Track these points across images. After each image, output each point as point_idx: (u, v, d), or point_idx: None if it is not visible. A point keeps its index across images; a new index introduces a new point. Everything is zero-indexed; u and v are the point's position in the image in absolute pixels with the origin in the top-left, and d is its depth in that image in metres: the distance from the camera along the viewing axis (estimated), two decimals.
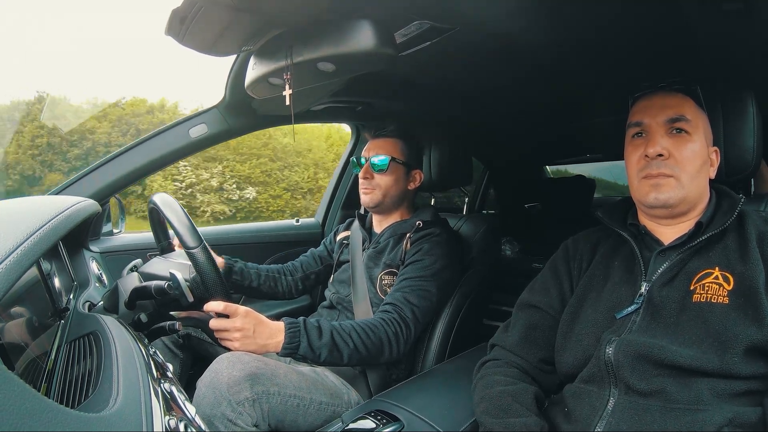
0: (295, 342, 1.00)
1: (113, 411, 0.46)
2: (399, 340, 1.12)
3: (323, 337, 1.04)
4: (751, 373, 0.67)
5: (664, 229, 0.84)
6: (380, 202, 1.36)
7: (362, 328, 1.09)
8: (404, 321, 1.14)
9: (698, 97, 0.84)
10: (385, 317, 1.14)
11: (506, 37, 1.01)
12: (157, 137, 1.40)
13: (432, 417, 0.90)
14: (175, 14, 0.76)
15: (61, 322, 0.78)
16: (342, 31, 0.78)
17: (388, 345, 1.11)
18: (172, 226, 0.90)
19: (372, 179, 1.35)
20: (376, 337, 1.09)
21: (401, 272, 1.25)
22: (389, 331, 1.12)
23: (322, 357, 1.03)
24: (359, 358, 1.07)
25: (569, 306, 0.87)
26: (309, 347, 1.01)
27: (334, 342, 1.04)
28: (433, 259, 1.24)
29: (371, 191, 1.35)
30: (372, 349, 1.08)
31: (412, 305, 1.17)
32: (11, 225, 0.52)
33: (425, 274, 1.22)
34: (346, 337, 1.07)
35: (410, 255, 1.27)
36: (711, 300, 0.71)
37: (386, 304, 1.18)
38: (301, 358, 1.02)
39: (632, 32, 0.98)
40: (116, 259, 1.45)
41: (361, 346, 1.07)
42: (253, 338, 0.98)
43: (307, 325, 1.04)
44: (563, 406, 0.80)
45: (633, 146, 0.84)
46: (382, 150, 1.35)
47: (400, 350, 1.13)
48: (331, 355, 1.04)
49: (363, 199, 1.38)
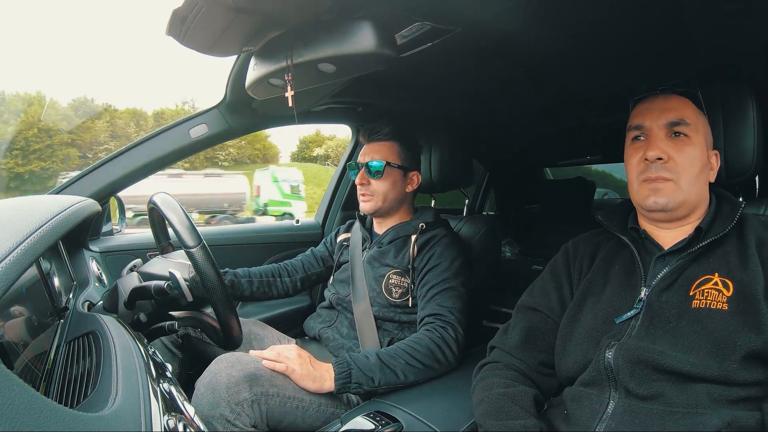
0: (345, 371, 1.03)
1: (112, 411, 0.46)
2: (448, 343, 1.12)
3: (370, 359, 1.05)
4: (750, 380, 0.67)
5: (664, 233, 0.84)
6: (378, 208, 1.35)
7: (406, 344, 1.11)
8: (447, 323, 1.15)
9: (698, 100, 0.84)
10: (426, 328, 1.15)
11: (506, 38, 1.01)
12: (157, 137, 1.41)
13: (431, 418, 0.90)
14: (175, 14, 0.76)
15: (61, 321, 0.78)
16: (343, 32, 0.78)
17: (439, 351, 1.10)
18: (171, 225, 0.90)
19: (368, 185, 1.34)
20: (422, 347, 1.10)
21: (421, 280, 1.25)
22: (434, 337, 1.12)
23: (376, 379, 1.03)
24: (415, 372, 1.07)
25: (569, 309, 0.87)
26: (360, 371, 1.03)
27: (382, 361, 1.05)
28: (449, 260, 1.25)
29: (369, 197, 1.35)
30: (424, 359, 1.08)
31: (449, 308, 1.18)
32: (11, 224, 0.52)
33: (447, 276, 1.22)
34: (392, 354, 1.07)
35: (422, 261, 1.26)
36: (710, 306, 0.71)
37: (425, 317, 1.18)
38: (356, 387, 1.03)
39: (633, 33, 0.98)
40: (116, 258, 1.45)
41: (410, 359, 1.07)
42: (309, 366, 1.03)
43: (352, 355, 1.07)
44: (562, 408, 0.80)
45: (633, 149, 0.84)
46: (378, 154, 1.34)
47: (454, 352, 1.12)
48: (384, 375, 1.04)
49: (361, 205, 1.37)
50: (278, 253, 1.88)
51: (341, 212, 2.07)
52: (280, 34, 0.84)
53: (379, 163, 1.32)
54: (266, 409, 0.97)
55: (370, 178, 1.34)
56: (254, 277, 1.40)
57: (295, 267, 1.49)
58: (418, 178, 1.41)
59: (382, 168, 1.32)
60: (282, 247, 1.90)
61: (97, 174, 1.37)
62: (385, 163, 1.32)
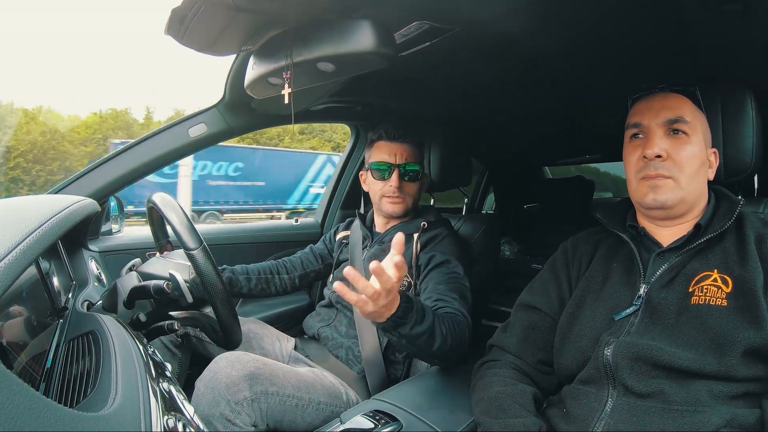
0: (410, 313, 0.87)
1: (112, 410, 0.46)
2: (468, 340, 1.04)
3: (426, 319, 0.91)
4: (750, 376, 0.67)
5: (663, 231, 0.84)
6: (409, 211, 1.34)
7: (448, 320, 0.99)
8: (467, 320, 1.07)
9: (697, 98, 0.84)
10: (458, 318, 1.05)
11: (506, 37, 1.01)
12: (156, 136, 1.40)
13: (430, 417, 0.90)
14: (174, 14, 0.76)
15: (60, 321, 0.78)
16: (342, 31, 0.78)
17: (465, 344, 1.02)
18: (172, 226, 0.89)
19: (402, 188, 1.30)
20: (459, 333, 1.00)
21: (428, 278, 1.21)
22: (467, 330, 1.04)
23: (419, 340, 0.90)
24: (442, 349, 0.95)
25: (568, 307, 0.87)
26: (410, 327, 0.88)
27: (433, 327, 0.92)
28: (454, 257, 1.23)
29: (401, 201, 1.30)
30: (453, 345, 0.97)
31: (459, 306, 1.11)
32: (10, 224, 0.52)
33: (457, 276, 1.19)
34: (441, 324, 0.95)
35: (426, 259, 1.25)
36: (709, 302, 0.71)
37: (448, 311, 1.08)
38: (397, 336, 0.89)
39: (632, 33, 0.98)
40: (115, 258, 1.45)
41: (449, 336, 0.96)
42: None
43: (416, 303, 0.90)
44: (562, 406, 0.80)
45: (631, 147, 0.85)
46: (412, 158, 1.31)
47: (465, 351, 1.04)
48: (427, 341, 0.91)
49: (391, 208, 1.31)
50: (277, 252, 1.88)
51: (341, 211, 2.07)
52: (280, 33, 0.84)
53: (416, 167, 1.30)
54: (266, 408, 0.97)
55: (404, 181, 1.30)
56: (252, 274, 1.39)
57: (293, 264, 1.49)
58: (428, 179, 1.41)
59: (419, 171, 1.31)
60: (281, 246, 1.90)
61: (96, 174, 1.36)
62: (420, 166, 1.31)
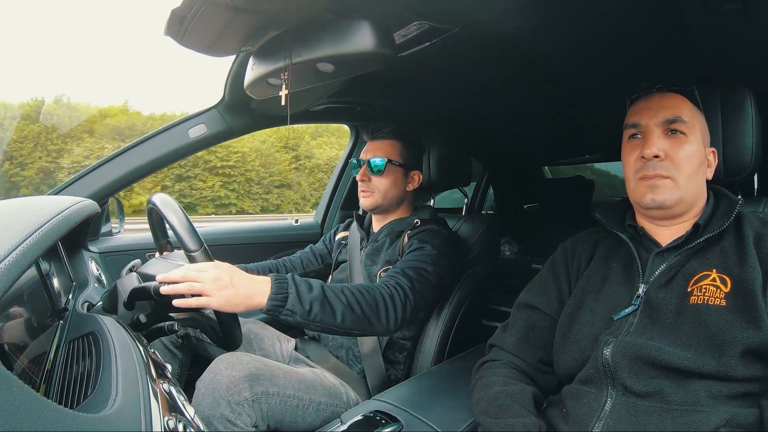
0: (282, 293, 0.91)
1: (112, 411, 0.46)
2: (396, 304, 1.05)
3: (313, 291, 0.95)
4: (748, 376, 0.67)
5: (662, 231, 0.84)
6: (378, 205, 1.36)
7: (356, 288, 1.03)
8: (401, 287, 1.09)
9: (695, 97, 0.84)
10: (383, 283, 1.09)
11: (505, 37, 1.01)
12: (156, 137, 1.40)
13: (431, 417, 0.90)
14: (174, 14, 0.76)
15: (60, 322, 0.78)
16: (341, 31, 0.78)
17: (384, 307, 1.03)
18: (172, 228, 0.89)
19: (369, 182, 1.34)
20: (371, 297, 1.02)
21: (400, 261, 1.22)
22: (384, 292, 1.05)
23: (313, 312, 0.93)
24: (354, 319, 0.98)
25: (567, 307, 0.87)
26: (298, 299, 0.92)
27: (325, 296, 0.96)
28: (430, 246, 1.22)
29: (369, 194, 1.35)
30: (367, 310, 1.00)
31: (410, 277, 1.12)
32: (10, 225, 0.52)
33: (421, 257, 1.19)
34: (338, 293, 0.98)
35: (407, 248, 1.26)
36: (708, 302, 0.71)
37: (385, 276, 1.13)
38: (289, 314, 0.91)
39: (632, 32, 0.98)
40: (115, 259, 1.45)
41: (354, 303, 0.99)
42: (233, 288, 0.87)
43: (296, 278, 0.96)
44: (562, 406, 0.80)
45: (630, 147, 0.85)
46: (380, 152, 1.34)
47: (398, 317, 1.05)
48: (323, 311, 0.94)
49: (361, 201, 1.37)
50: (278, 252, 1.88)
51: (340, 211, 2.07)
52: (279, 34, 0.84)
53: (381, 161, 1.33)
54: (267, 409, 0.97)
55: (371, 175, 1.34)
56: (251, 273, 1.40)
57: (293, 264, 1.50)
58: (419, 178, 1.41)
59: (383, 165, 1.33)
60: (280, 247, 1.90)
61: (96, 174, 1.36)
62: (387, 160, 1.33)
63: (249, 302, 0.88)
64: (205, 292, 0.85)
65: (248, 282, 0.90)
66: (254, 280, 0.91)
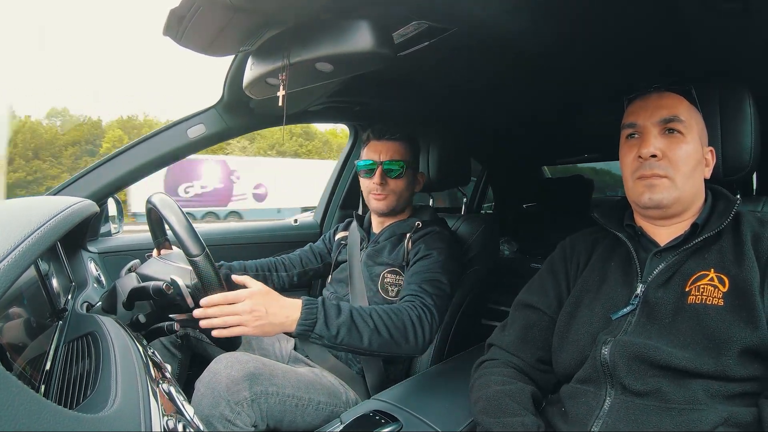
0: (311, 319, 0.95)
1: (111, 412, 0.46)
2: (423, 325, 1.08)
3: (341, 315, 0.98)
4: (746, 375, 0.67)
5: (660, 230, 0.84)
6: (393, 207, 1.35)
7: (383, 310, 1.05)
8: (426, 307, 1.12)
9: (693, 97, 0.84)
10: (407, 304, 1.11)
11: (504, 37, 1.01)
12: (155, 137, 1.40)
13: (430, 417, 0.90)
14: (173, 14, 0.76)
15: (60, 322, 0.78)
16: (340, 31, 0.78)
17: (412, 329, 1.05)
18: (173, 231, 0.89)
19: (386, 185, 1.32)
20: (398, 320, 1.05)
21: (409, 270, 1.24)
22: (413, 314, 1.07)
23: (339, 336, 0.96)
24: (381, 342, 1.01)
25: (566, 306, 0.88)
26: (325, 324, 0.96)
27: (352, 320, 0.99)
28: (436, 252, 1.24)
29: (385, 197, 1.33)
30: (394, 333, 1.02)
31: (431, 294, 1.15)
32: (9, 225, 0.52)
33: (433, 267, 1.21)
34: (366, 317, 1.01)
35: (413, 254, 1.26)
36: (706, 302, 0.71)
37: (406, 296, 1.15)
38: (317, 338, 0.96)
39: (631, 32, 0.98)
40: (114, 259, 1.45)
41: (382, 327, 1.01)
42: (267, 317, 0.92)
43: (326, 302, 0.99)
44: (560, 406, 0.80)
45: (627, 147, 0.85)
46: (397, 154, 1.33)
47: (426, 336, 1.08)
48: (350, 335, 0.97)
49: (376, 205, 1.35)
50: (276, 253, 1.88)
51: (340, 211, 2.07)
52: (278, 34, 0.84)
53: (400, 163, 1.32)
54: (266, 408, 0.97)
55: (388, 178, 1.32)
56: (250, 271, 1.41)
57: (292, 262, 1.50)
58: (423, 178, 1.41)
59: (402, 169, 1.32)
60: (280, 247, 1.90)
61: (95, 175, 1.36)
62: (405, 162, 1.32)
63: (281, 329, 0.95)
64: (241, 323, 0.90)
65: (280, 309, 0.94)
66: (286, 307, 0.95)
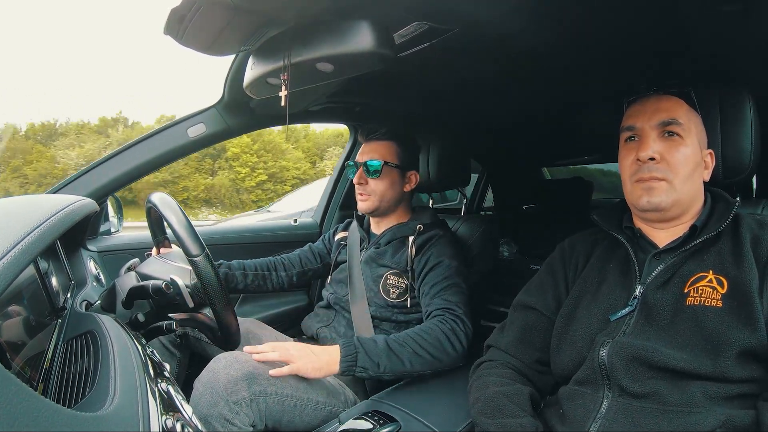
0: (351, 353, 1.02)
1: (110, 410, 0.46)
2: (458, 335, 1.11)
3: (378, 344, 1.05)
4: (745, 377, 0.67)
5: (659, 233, 0.84)
6: (376, 208, 1.35)
7: (415, 332, 1.10)
8: (457, 317, 1.15)
9: (692, 99, 0.84)
10: (437, 320, 1.14)
11: (505, 38, 1.01)
12: (155, 137, 1.40)
13: (428, 418, 0.90)
14: (173, 13, 0.76)
15: (58, 321, 0.78)
16: (341, 31, 0.78)
17: (448, 343, 1.09)
18: (173, 231, 0.89)
19: (366, 184, 1.34)
20: (432, 338, 1.09)
21: (423, 282, 1.25)
22: (445, 328, 1.11)
23: (382, 365, 1.03)
24: (422, 362, 1.07)
25: (564, 307, 0.88)
26: (367, 355, 1.03)
27: (389, 348, 1.05)
28: (448, 259, 1.25)
29: (367, 197, 1.35)
30: (432, 351, 1.07)
31: (456, 302, 1.18)
32: (8, 223, 0.52)
33: (449, 273, 1.23)
34: (401, 342, 1.07)
35: (421, 262, 1.26)
36: (705, 303, 0.72)
37: (434, 311, 1.18)
38: (362, 371, 1.02)
39: (631, 33, 0.98)
40: (114, 258, 1.45)
41: (419, 348, 1.07)
42: (315, 356, 1.02)
43: (360, 339, 1.07)
44: (558, 407, 0.80)
45: (626, 150, 0.85)
46: (376, 154, 1.34)
47: (463, 344, 1.11)
48: (391, 362, 1.04)
49: (359, 205, 1.37)
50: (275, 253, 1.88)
51: (339, 211, 2.07)
52: (279, 34, 0.84)
53: (377, 163, 1.32)
54: (265, 408, 0.97)
55: (368, 178, 1.34)
56: (249, 270, 1.41)
57: (291, 261, 1.50)
58: (416, 178, 1.41)
59: (380, 167, 1.32)
60: (279, 247, 1.90)
61: (95, 173, 1.36)
62: (383, 162, 1.32)
63: (328, 367, 1.02)
64: (293, 359, 1.00)
65: (323, 351, 1.05)
66: (326, 349, 1.05)
